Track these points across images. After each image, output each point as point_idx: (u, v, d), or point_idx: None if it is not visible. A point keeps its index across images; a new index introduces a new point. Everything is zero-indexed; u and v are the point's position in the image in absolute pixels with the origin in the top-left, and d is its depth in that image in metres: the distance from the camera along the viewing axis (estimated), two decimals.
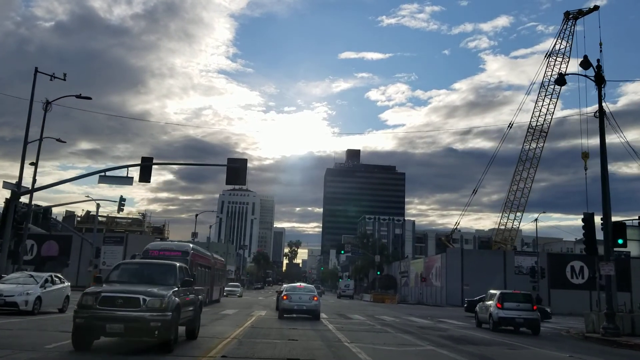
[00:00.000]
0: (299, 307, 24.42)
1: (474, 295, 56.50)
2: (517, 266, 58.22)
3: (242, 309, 31.75)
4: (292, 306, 24.40)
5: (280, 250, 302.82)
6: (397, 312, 38.07)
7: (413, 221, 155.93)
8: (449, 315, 36.73)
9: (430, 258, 73.53)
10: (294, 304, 24.40)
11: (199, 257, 31.70)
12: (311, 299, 24.73)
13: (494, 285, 57.97)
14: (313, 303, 24.63)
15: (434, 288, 66.01)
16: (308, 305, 24.47)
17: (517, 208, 76.02)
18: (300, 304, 24.42)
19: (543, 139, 76.99)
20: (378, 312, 35.29)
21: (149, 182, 28.11)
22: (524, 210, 74.78)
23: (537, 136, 76.77)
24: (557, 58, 73.98)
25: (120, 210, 41.39)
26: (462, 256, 59.80)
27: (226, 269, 55.87)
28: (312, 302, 24.60)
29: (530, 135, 76.53)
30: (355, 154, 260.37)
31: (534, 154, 76.54)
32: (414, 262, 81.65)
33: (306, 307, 24.47)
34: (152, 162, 28.32)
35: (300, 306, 24.43)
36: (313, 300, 24.71)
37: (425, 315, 34.52)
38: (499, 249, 65.00)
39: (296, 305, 24.39)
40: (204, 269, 32.37)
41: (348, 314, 30.81)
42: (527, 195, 76.30)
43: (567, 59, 73.61)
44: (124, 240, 61.96)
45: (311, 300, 24.67)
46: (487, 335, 20.72)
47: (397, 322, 26.01)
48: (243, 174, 27.67)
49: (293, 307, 24.43)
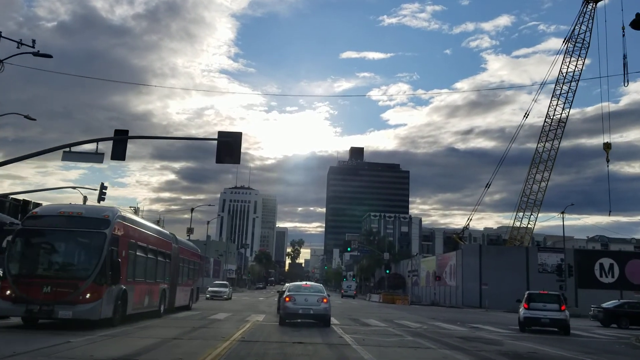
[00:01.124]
0: (305, 311, 19.71)
1: (492, 296, 52.03)
2: (541, 264, 53.34)
3: (237, 312, 27.01)
4: (296, 310, 19.73)
5: (283, 250, 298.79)
6: (416, 315, 33.23)
7: (420, 219, 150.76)
8: (478, 319, 31.87)
9: (444, 256, 68.66)
10: (299, 308, 19.71)
11: (134, 232, 18.11)
12: (320, 301, 19.96)
13: (516, 285, 53.32)
14: (322, 306, 19.84)
15: (448, 288, 61.16)
16: (316, 309, 19.73)
17: (533, 203, 71.91)
18: (307, 308, 19.73)
19: (562, 129, 72.90)
20: (395, 316, 30.47)
21: (124, 160, 23.37)
22: (540, 208, 70.89)
23: (554, 126, 72.66)
24: (577, 42, 69.68)
25: (102, 200, 36.58)
26: (481, 253, 54.85)
27: (203, 262, 47.33)
28: (320, 305, 19.85)
29: (548, 126, 72.50)
30: (359, 152, 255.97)
31: (552, 146, 72.53)
32: (425, 260, 76.76)
33: (313, 311, 19.72)
34: (127, 136, 23.57)
35: (307, 310, 19.72)
36: (322, 303, 19.92)
37: (452, 319, 29.64)
38: (520, 245, 60.15)
39: (301, 309, 19.69)
40: (153, 256, 20.41)
41: (362, 318, 26.02)
42: (545, 189, 72.16)
43: (587, 43, 69.51)
44: None
45: (320, 302, 19.90)
46: (552, 348, 15.87)
47: (425, 329, 21.19)
48: (237, 150, 22.90)
49: (297, 312, 19.76)
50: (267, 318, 23.46)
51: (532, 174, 71.37)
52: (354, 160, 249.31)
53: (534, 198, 71.12)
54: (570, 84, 71.23)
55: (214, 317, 22.46)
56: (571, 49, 70.16)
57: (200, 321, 20.29)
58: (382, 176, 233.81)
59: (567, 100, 71.85)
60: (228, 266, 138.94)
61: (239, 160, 23.05)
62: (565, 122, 71.73)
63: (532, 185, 70.87)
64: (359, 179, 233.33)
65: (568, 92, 71.66)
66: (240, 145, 23.06)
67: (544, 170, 70.43)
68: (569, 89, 71.73)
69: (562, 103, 71.43)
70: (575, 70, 70.50)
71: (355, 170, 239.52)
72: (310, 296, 20.19)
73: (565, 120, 72.00)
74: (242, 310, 28.60)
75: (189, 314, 23.96)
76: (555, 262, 52.38)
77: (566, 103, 71.72)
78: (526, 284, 52.71)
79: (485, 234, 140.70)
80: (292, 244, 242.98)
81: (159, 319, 20.16)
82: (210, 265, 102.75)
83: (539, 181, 70.51)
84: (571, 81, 71.27)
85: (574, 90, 71.89)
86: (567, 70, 70.86)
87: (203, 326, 18.15)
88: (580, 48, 69.83)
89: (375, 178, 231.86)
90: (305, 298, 20.02)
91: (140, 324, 17.25)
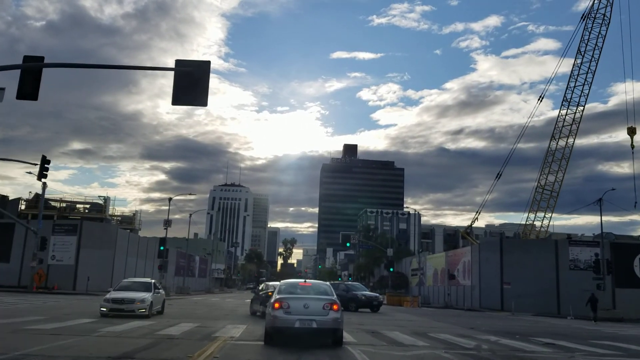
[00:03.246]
0: (305, 324, 12.34)
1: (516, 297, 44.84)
2: (573, 259, 46.14)
3: (206, 321, 19.52)
4: (291, 322, 12.38)
5: (275, 251, 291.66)
6: (446, 323, 25.84)
7: (419, 214, 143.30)
8: (527, 328, 24.49)
9: (455, 252, 61.40)
10: (295, 319, 12.38)
11: None
12: (327, 307, 12.64)
13: (543, 284, 46.22)
14: (331, 316, 12.58)
15: (461, 288, 53.97)
16: (322, 321, 12.46)
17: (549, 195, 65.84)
18: (307, 319, 12.36)
19: (580, 113, 67.22)
20: (421, 325, 23.11)
21: (36, 100, 16.00)
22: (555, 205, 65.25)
23: (573, 110, 66.75)
24: (597, 18, 63.78)
25: (43, 177, 29.10)
26: (502, 248, 47.53)
27: None
28: (329, 314, 12.56)
29: (565, 109, 66.65)
30: (352, 150, 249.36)
31: (570, 131, 66.60)
32: (433, 257, 69.48)
33: (318, 323, 12.41)
34: (43, 63, 16.21)
35: (307, 322, 12.33)
36: (331, 311, 12.60)
37: (499, 329, 22.25)
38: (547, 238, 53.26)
39: (299, 320, 12.34)
40: None
41: (382, 330, 18.65)
42: (562, 180, 66.15)
43: (607, 19, 63.60)
44: (78, 229, 49.44)
45: (327, 310, 12.60)
46: None
47: (490, 351, 13.81)
48: (203, 85, 15.57)
49: (293, 325, 12.37)
50: (248, 331, 16.05)
51: (544, 173, 66.13)
52: (348, 157, 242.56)
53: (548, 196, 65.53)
54: (589, 63, 65.38)
55: (165, 333, 14.97)
56: (590, 25, 64.58)
57: (140, 339, 12.81)
58: (377, 174, 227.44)
59: (585, 82, 66.16)
60: (216, 265, 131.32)
61: (205, 100, 15.69)
62: (583, 110, 66.43)
63: (545, 185, 65.72)
64: (352, 176, 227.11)
65: (587, 72, 65.72)
66: (208, 79, 15.75)
67: (557, 171, 65.32)
68: (588, 70, 65.81)
69: (580, 86, 65.94)
70: (595, 49, 64.65)
71: (349, 168, 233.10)
72: (312, 301, 12.85)
73: (583, 108, 66.48)
74: (215, 319, 21.08)
75: (129, 328, 16.47)
76: (588, 257, 45.25)
77: (585, 85, 66.06)
78: (556, 283, 45.69)
79: (488, 231, 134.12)
80: (284, 243, 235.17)
81: None
82: (196, 263, 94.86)
83: (551, 182, 65.43)
84: (590, 61, 65.38)
85: (593, 71, 66.23)
86: (586, 49, 65.02)
87: (137, 350, 10.67)
88: (601, 24, 64.07)
89: (369, 175, 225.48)
90: (305, 304, 12.69)
91: None
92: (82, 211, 54.99)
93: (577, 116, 65.68)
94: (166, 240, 52.47)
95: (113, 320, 17.54)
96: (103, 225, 52.54)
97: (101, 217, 53.32)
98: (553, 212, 66.00)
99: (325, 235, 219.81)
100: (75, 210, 55.23)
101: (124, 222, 62.81)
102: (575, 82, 66.78)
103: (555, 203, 66.38)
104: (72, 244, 49.29)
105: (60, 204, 53.94)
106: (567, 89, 67.47)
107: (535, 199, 67.43)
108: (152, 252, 58.88)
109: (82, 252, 49.15)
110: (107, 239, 51.23)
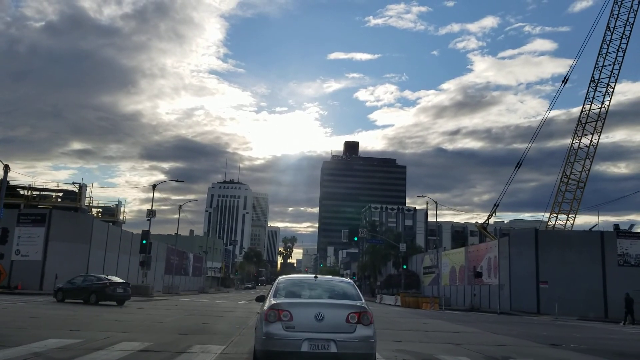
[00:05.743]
0: (318, 346, 7.26)
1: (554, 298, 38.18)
2: (622, 254, 39.51)
3: (166, 337, 12.77)
4: (296, 343, 7.28)
5: (275, 251, 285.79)
6: (504, 334, 19.18)
7: (425, 211, 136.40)
8: (599, 339, 17.91)
9: (478, 247, 54.81)
10: (303, 337, 7.31)
11: None
12: (352, 320, 7.58)
13: (587, 282, 39.61)
14: (359, 333, 7.51)
15: (486, 287, 47.45)
16: (344, 342, 7.36)
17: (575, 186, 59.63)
18: (322, 337, 7.33)
19: (610, 96, 61.41)
20: (480, 341, 16.49)
21: None
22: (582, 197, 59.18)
23: (602, 91, 60.88)
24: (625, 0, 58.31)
25: None
26: (537, 241, 40.89)
27: None
28: (355, 329, 7.53)
29: (593, 91, 60.70)
30: (354, 147, 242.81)
31: (598, 115, 60.58)
32: (449, 253, 62.75)
33: (339, 346, 7.30)
34: None
35: (322, 344, 7.27)
36: (360, 326, 7.56)
37: (593, 344, 15.60)
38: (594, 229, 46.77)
39: (308, 339, 7.30)
40: None
41: (440, 355, 12.01)
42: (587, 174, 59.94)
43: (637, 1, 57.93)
44: (47, 219, 42.79)
45: (354, 324, 7.55)
46: None
47: None
48: None
49: (299, 348, 7.26)
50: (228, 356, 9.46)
51: (569, 162, 60.14)
52: (349, 155, 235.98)
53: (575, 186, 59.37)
54: (620, 40, 59.30)
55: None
56: (616, 11, 58.92)
57: None
58: (378, 171, 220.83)
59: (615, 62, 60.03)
60: (213, 264, 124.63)
61: None
62: (609, 105, 60.80)
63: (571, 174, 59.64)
64: (354, 174, 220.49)
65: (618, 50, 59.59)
66: None
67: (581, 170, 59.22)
68: (619, 48, 59.73)
69: (607, 77, 60.18)
70: (622, 36, 58.99)
71: (350, 165, 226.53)
72: (328, 308, 7.80)
73: (612, 89, 60.67)
74: (184, 332, 14.22)
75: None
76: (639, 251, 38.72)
77: (611, 77, 60.08)
78: (602, 281, 39.07)
79: (498, 228, 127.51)
80: (284, 241, 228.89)
81: None
82: (189, 261, 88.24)
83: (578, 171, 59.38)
84: (621, 37, 59.31)
85: (623, 49, 60.22)
86: (615, 25, 59.08)
87: None
88: (630, 8, 58.29)
89: (371, 173, 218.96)
90: (318, 313, 7.62)
91: None
92: (55, 200, 48.33)
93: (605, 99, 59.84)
94: (149, 234, 45.88)
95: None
96: (77, 215, 45.89)
97: (75, 206, 46.60)
98: (580, 204, 59.76)
99: (326, 234, 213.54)
100: (47, 199, 48.57)
101: (105, 214, 56.15)
102: (604, 61, 60.73)
103: (582, 194, 60.15)
104: (39, 237, 42.69)
105: (28, 191, 47.26)
106: (594, 68, 61.32)
107: (560, 190, 61.19)
108: (138, 247, 52.51)
109: (52, 246, 42.59)
110: (82, 232, 44.65)
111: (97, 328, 14.44)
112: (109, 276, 29.88)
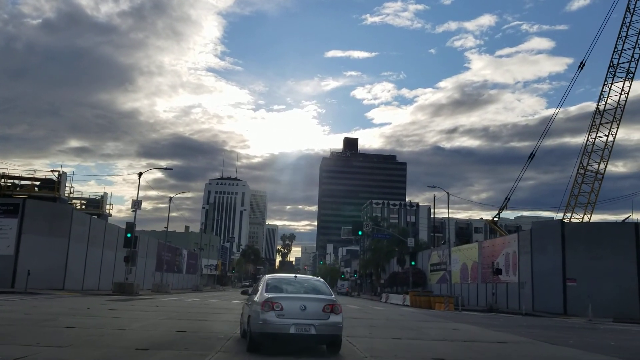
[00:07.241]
0: (302, 329, 9.58)
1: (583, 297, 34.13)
2: None
3: (130, 353, 8.76)
4: (285, 327, 9.53)
5: (273, 249, 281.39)
6: (559, 344, 15.17)
7: (428, 207, 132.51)
8: None
9: (493, 241, 50.70)
10: (291, 322, 9.55)
11: None
12: (327, 309, 9.91)
13: (619, 279, 35.64)
14: (332, 320, 9.87)
15: (504, 285, 43.43)
16: (321, 326, 9.71)
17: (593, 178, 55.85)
18: (305, 323, 9.62)
19: (630, 81, 57.62)
20: (534, 354, 12.47)
21: None
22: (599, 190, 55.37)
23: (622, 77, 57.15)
24: None
25: None
26: (564, 234, 36.86)
27: None
28: (329, 317, 9.86)
29: (612, 76, 56.87)
30: (353, 144, 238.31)
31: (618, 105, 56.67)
32: (460, 249, 58.62)
33: (317, 329, 9.64)
34: None
35: (305, 327, 9.58)
36: (332, 314, 9.90)
37: None
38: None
39: (295, 324, 9.57)
40: None
41: None
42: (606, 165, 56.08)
43: None
44: (20, 209, 38.65)
45: (328, 313, 9.88)
46: None
47: None
48: None
49: (287, 330, 9.54)
50: None
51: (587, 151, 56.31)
52: (348, 151, 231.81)
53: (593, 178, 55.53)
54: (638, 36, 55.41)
55: None
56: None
57: None
58: (378, 168, 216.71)
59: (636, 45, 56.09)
60: (209, 261, 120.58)
61: None
62: (633, 77, 56.81)
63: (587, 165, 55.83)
64: (353, 170, 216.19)
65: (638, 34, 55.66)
66: None
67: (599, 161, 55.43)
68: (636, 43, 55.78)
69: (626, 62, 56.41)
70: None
71: (349, 162, 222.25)
72: (310, 301, 10.04)
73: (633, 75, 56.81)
74: (145, 348, 10.15)
75: None
76: None
77: (636, 48, 56.06)
78: (637, 279, 35.06)
79: (503, 224, 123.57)
80: (282, 238, 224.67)
81: None
82: (183, 258, 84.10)
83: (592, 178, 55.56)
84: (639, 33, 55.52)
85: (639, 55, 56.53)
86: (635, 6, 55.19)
87: None
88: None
89: (371, 170, 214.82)
90: (303, 305, 9.87)
91: None
92: (32, 189, 44.17)
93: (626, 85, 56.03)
94: (134, 226, 41.74)
95: None
96: (54, 206, 41.72)
97: (53, 195, 42.43)
98: (597, 198, 55.90)
99: (325, 232, 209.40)
100: (24, 188, 44.44)
101: (90, 206, 52.03)
102: (623, 45, 56.79)
103: (600, 187, 56.32)
104: (11, 229, 38.54)
105: (2, 180, 43.10)
106: (613, 52, 57.35)
107: (577, 182, 57.35)
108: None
109: (25, 239, 38.45)
110: (60, 224, 40.51)
111: (27, 339, 10.36)
112: None
